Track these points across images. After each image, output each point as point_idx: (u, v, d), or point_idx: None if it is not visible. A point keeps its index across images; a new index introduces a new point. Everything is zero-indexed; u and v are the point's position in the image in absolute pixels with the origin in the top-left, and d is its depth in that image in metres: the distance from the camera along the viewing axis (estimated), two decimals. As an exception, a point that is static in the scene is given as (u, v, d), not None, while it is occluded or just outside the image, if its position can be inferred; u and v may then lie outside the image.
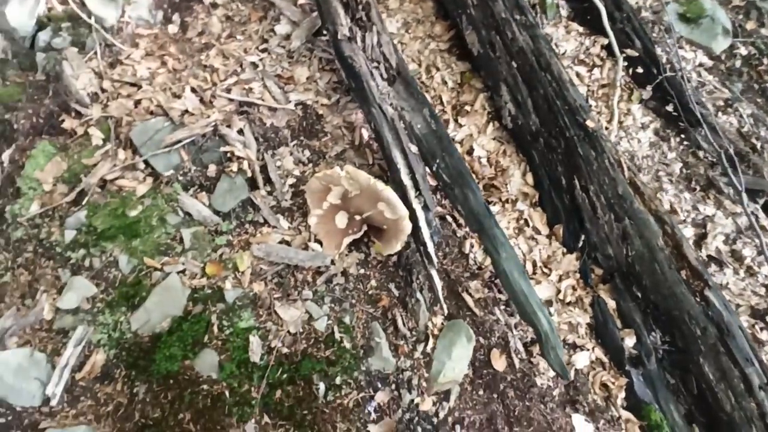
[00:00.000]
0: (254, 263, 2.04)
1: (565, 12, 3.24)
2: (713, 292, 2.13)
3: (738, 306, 2.45)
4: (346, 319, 1.99)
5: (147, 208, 2.06)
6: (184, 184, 2.15)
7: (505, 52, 2.49)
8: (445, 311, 2.02)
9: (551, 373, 2.09)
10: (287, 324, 1.92)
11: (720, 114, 3.15)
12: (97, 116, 2.22)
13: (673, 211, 2.69)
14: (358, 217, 2.03)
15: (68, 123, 2.20)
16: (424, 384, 1.96)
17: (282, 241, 2.09)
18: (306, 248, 2.07)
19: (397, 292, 2.11)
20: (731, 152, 2.67)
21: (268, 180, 2.20)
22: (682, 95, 2.87)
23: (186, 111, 2.24)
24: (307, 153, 2.31)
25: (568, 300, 2.29)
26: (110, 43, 2.38)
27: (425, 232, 1.95)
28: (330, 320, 1.97)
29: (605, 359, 2.19)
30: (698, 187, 2.83)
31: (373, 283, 2.10)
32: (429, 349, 2.02)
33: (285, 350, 1.88)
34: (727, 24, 3.40)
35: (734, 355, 2.00)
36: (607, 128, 2.92)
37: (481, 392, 2.00)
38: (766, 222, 2.74)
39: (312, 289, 2.02)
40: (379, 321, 2.03)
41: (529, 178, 2.52)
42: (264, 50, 2.47)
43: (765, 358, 2.21)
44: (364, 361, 1.94)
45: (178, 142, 2.15)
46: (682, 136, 3.01)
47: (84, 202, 2.05)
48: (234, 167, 2.16)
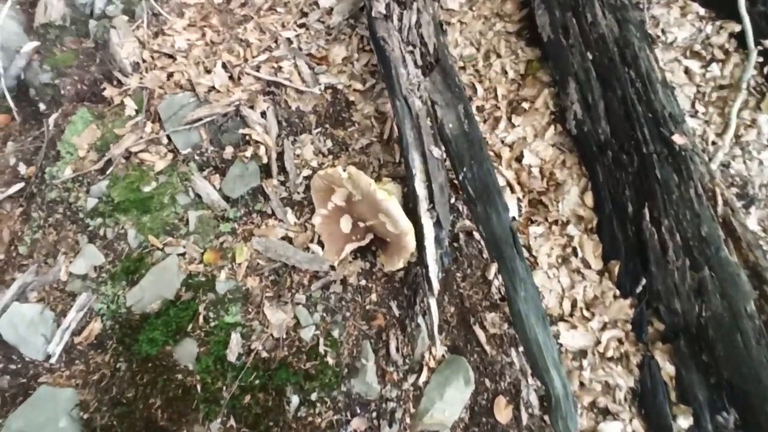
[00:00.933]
0: (252, 256, 1.94)
1: (684, -12, 2.57)
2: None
3: None
4: (335, 333, 1.82)
5: (161, 185, 2.05)
6: (199, 164, 2.10)
7: (580, 40, 2.02)
8: (437, 348, 1.76)
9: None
10: (272, 327, 1.81)
11: None
12: (134, 86, 2.24)
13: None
14: (362, 224, 1.82)
15: (108, 91, 2.25)
16: (407, 420, 1.74)
17: (285, 237, 1.96)
18: (307, 249, 1.92)
19: (397, 312, 1.88)
20: None
21: (282, 169, 2.07)
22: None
23: (212, 87, 2.16)
24: (330, 143, 2.11)
25: (609, 354, 1.87)
26: (157, 12, 2.38)
27: (429, 253, 1.68)
28: (318, 330, 1.82)
29: (644, 437, 1.77)
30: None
31: (374, 297, 1.89)
32: (421, 382, 1.79)
33: (264, 354, 1.78)
34: None
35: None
36: (714, 143, 2.29)
37: (472, 444, 1.73)
38: None
39: (306, 294, 1.88)
40: (371, 341, 1.83)
41: (589, 198, 2.06)
42: (302, 25, 2.29)
43: None
44: (346, 381, 1.77)
45: (199, 120, 2.09)
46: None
47: (108, 172, 2.10)
48: (248, 152, 2.05)
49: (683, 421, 1.75)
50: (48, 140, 2.21)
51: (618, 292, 1.94)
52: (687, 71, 2.42)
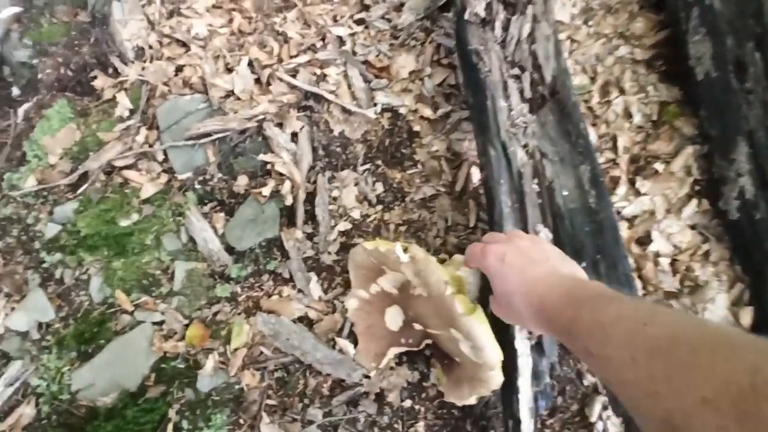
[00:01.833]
0: (254, 340, 1.37)
1: None
2: None
3: None
4: (360, 478, 1.23)
5: (145, 218, 1.50)
6: (200, 195, 1.54)
7: (764, 84, 1.38)
8: None
9: None
10: (269, 457, 1.24)
11: None
12: (132, 78, 1.70)
13: None
14: (419, 327, 1.22)
15: (99, 81, 1.72)
16: None
17: (303, 318, 1.39)
18: (333, 343, 1.34)
19: (453, 457, 1.28)
20: None
21: (312, 217, 1.49)
22: None
23: (231, 92, 1.61)
24: (380, 188, 1.53)
25: None
26: (176, -16, 1.83)
27: (524, 395, 1.07)
28: (334, 472, 1.24)
29: None
30: None
31: (421, 428, 1.29)
32: None
33: (251, 501, 1.21)
34: None
35: None
36: None
37: None
38: None
39: (324, 409, 1.30)
40: (411, 498, 1.24)
41: (746, 314, 1.42)
42: (360, 21, 1.70)
43: None
44: None
45: (208, 135, 1.54)
46: None
47: (80, 191, 1.56)
48: (268, 188, 1.48)
49: None
50: (14, 137, 1.69)
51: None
52: None
